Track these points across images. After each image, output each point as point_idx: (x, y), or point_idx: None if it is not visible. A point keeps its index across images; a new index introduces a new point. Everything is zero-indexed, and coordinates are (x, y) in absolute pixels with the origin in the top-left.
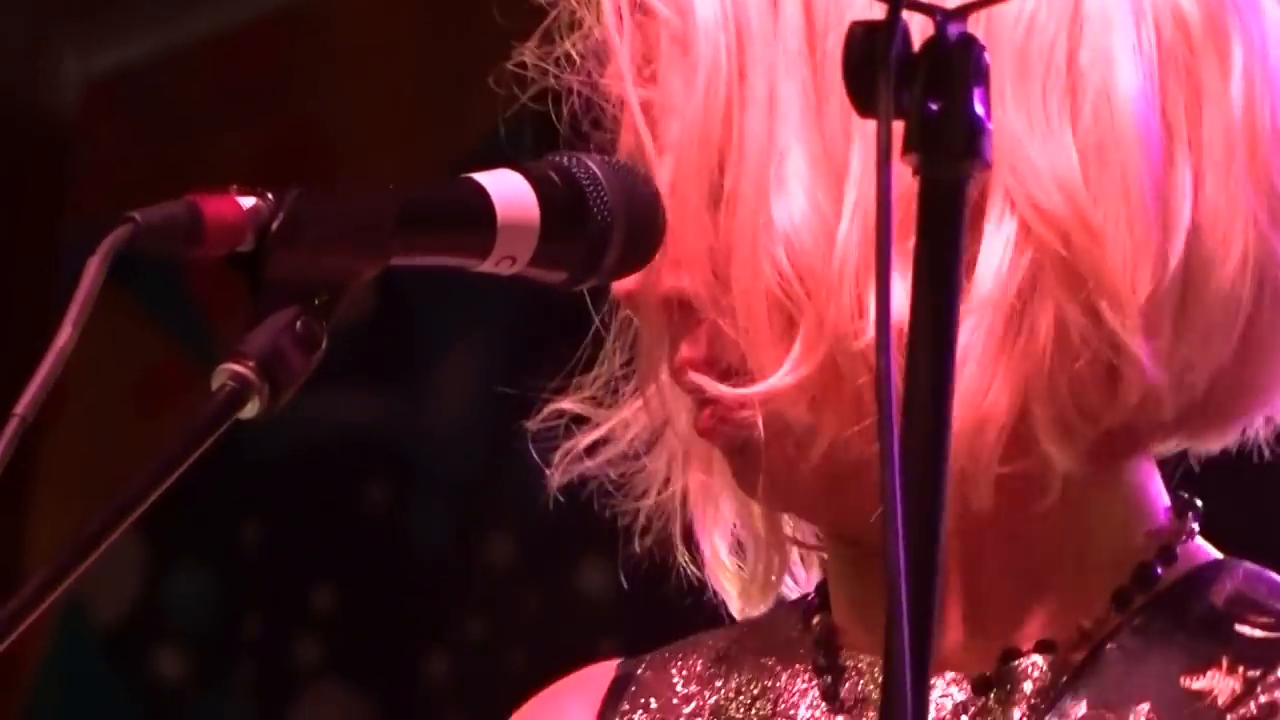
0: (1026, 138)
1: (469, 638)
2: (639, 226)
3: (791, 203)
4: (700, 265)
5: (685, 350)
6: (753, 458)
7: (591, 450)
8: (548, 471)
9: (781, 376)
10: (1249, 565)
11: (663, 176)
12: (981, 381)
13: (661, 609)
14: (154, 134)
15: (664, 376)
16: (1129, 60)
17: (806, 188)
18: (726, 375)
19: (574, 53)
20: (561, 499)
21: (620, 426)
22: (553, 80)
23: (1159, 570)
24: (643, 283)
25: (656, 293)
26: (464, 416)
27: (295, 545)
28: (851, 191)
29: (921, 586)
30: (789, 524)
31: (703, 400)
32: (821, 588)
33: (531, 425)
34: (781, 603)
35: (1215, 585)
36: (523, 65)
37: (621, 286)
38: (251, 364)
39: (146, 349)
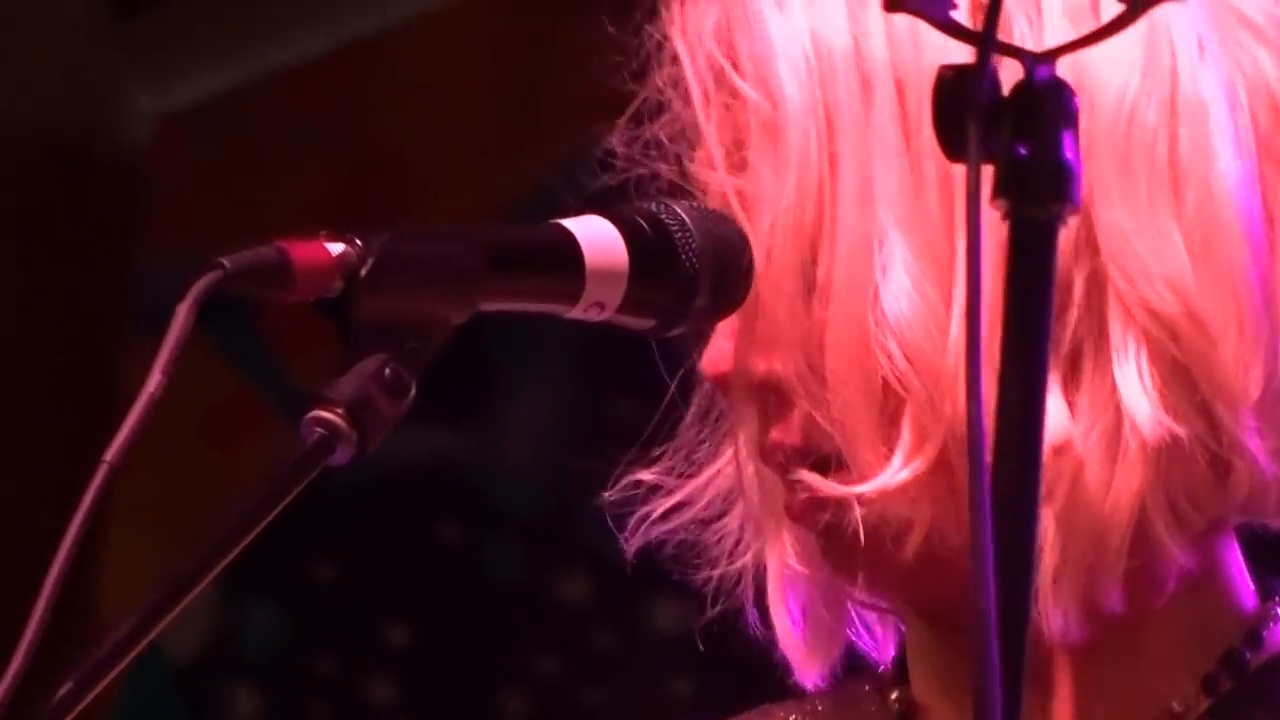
0: (1135, 237)
1: (543, 675)
2: (727, 273)
3: (899, 293)
4: (794, 353)
5: (776, 434)
6: (849, 545)
7: (666, 515)
8: (622, 537)
9: (893, 474)
10: None
11: (756, 263)
12: (1102, 483)
13: (735, 649)
14: (227, 168)
15: (743, 450)
16: (1228, 151)
17: (914, 278)
18: (821, 464)
19: (662, 136)
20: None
21: (696, 492)
22: (642, 167)
23: (1247, 655)
24: (735, 365)
25: (749, 377)
26: (537, 452)
27: (369, 582)
28: (960, 280)
29: (1011, 669)
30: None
31: (793, 483)
32: (899, 660)
33: (609, 496)
34: (852, 672)
35: None
36: (611, 152)
37: (713, 367)
38: (340, 411)
39: (217, 384)
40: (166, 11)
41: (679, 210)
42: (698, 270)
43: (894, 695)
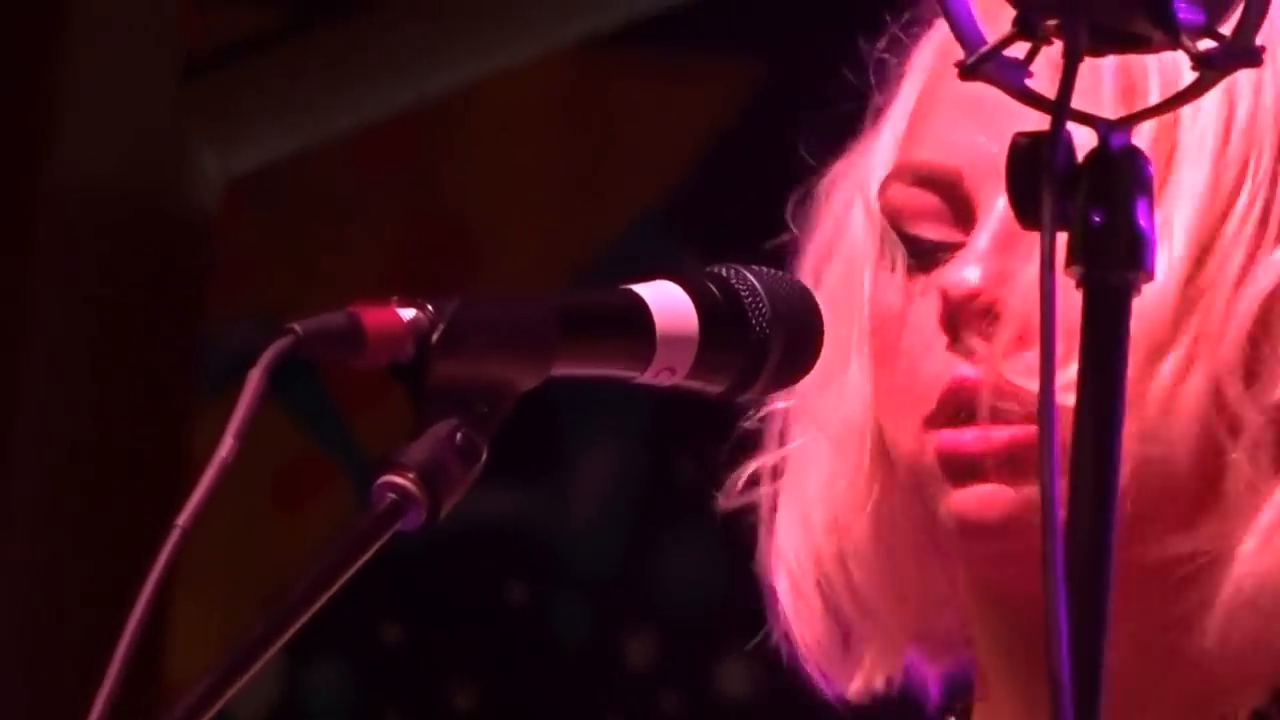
0: None
1: None
2: (798, 338)
3: None
4: None
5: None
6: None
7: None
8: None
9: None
10: None
11: None
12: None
13: (801, 713)
14: (294, 231)
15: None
16: None
17: None
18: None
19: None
20: (701, 602)
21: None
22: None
23: None
24: None
25: None
26: (605, 514)
27: (436, 644)
28: None
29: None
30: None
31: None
32: (964, 709)
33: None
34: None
35: None
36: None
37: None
38: (412, 476)
39: (283, 444)
40: (233, 74)
41: (749, 275)
42: (768, 335)
43: None
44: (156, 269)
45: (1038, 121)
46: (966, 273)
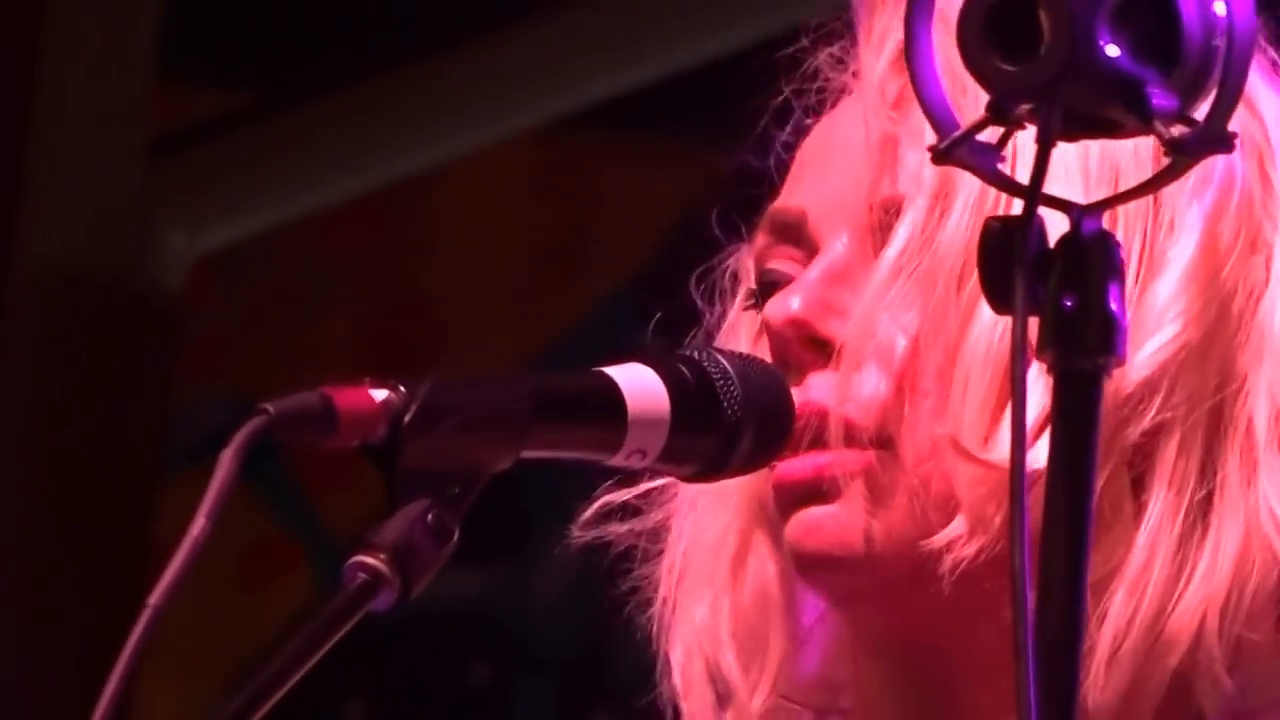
0: None
1: None
2: (769, 421)
3: None
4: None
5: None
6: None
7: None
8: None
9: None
10: None
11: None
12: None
13: None
14: (261, 310)
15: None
16: None
17: None
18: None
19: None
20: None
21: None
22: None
23: None
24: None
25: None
26: (568, 595)
27: None
28: None
29: None
30: None
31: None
32: None
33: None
34: None
35: None
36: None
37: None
38: (384, 556)
39: (247, 526)
40: (201, 154)
41: (721, 358)
42: (740, 418)
43: None
44: (123, 348)
45: (862, 169)
46: (789, 302)
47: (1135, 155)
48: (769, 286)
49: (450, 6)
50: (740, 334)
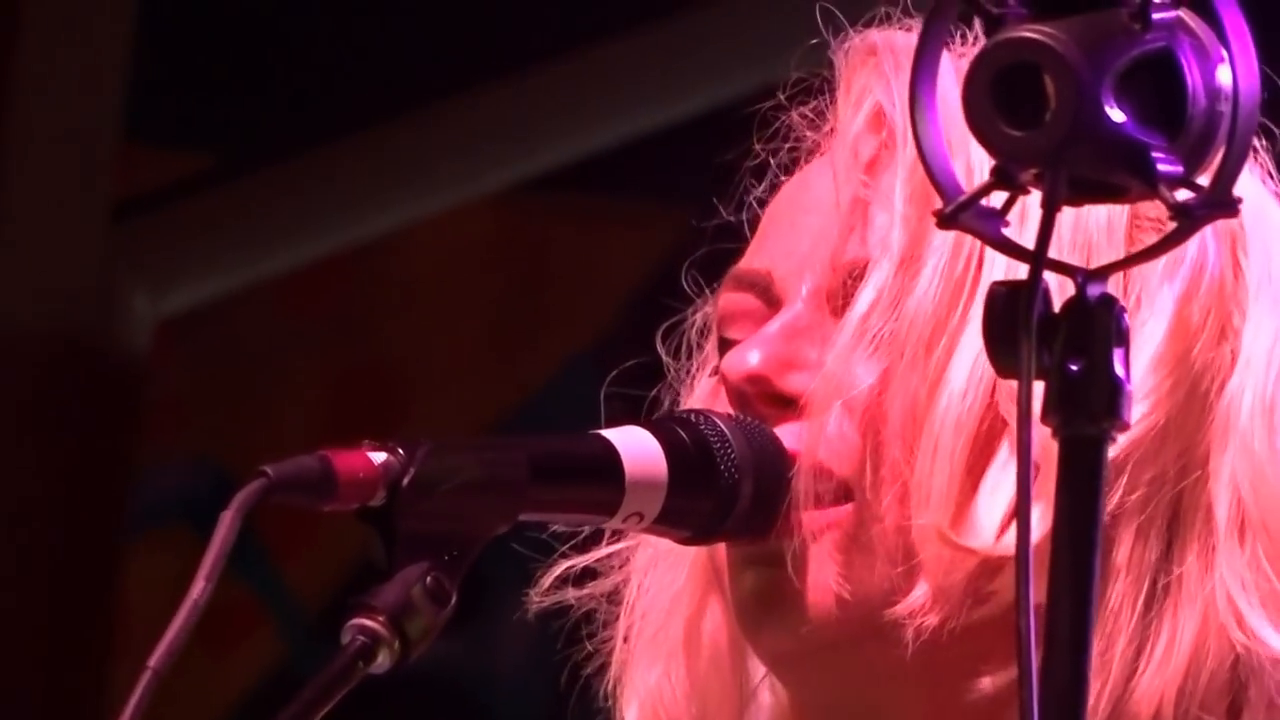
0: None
1: None
2: (766, 484)
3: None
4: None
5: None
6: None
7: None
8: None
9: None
10: None
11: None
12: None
13: None
14: (224, 372)
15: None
16: None
17: None
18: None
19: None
20: None
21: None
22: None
23: None
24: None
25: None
26: (530, 660)
27: None
28: None
29: None
30: None
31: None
32: None
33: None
34: None
35: None
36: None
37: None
38: (382, 619)
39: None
40: (165, 217)
41: (718, 421)
42: (737, 481)
43: None
44: (86, 408)
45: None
46: (747, 357)
47: (1109, 226)
48: (730, 345)
49: (410, 72)
50: (708, 389)
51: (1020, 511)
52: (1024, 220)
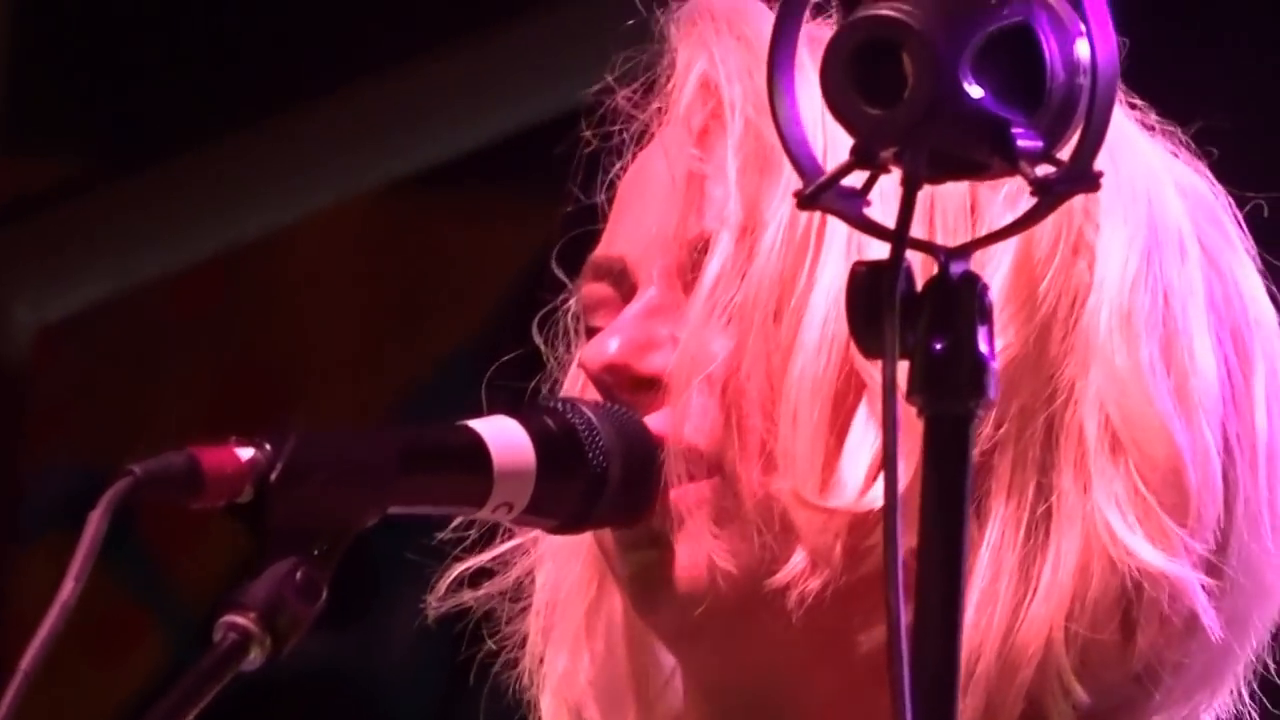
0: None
1: None
2: (634, 471)
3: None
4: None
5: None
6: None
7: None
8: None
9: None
10: None
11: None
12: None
13: None
14: (107, 375)
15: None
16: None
17: None
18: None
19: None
20: None
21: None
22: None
23: None
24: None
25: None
26: (418, 656)
27: None
28: None
29: None
30: None
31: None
32: None
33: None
34: None
35: None
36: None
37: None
38: (253, 615)
39: (95, 596)
40: (40, 223)
41: (585, 409)
42: (605, 468)
43: None
44: None
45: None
46: (605, 346)
47: (970, 203)
48: (594, 333)
49: (285, 70)
50: (579, 378)
51: (888, 489)
52: (885, 199)
